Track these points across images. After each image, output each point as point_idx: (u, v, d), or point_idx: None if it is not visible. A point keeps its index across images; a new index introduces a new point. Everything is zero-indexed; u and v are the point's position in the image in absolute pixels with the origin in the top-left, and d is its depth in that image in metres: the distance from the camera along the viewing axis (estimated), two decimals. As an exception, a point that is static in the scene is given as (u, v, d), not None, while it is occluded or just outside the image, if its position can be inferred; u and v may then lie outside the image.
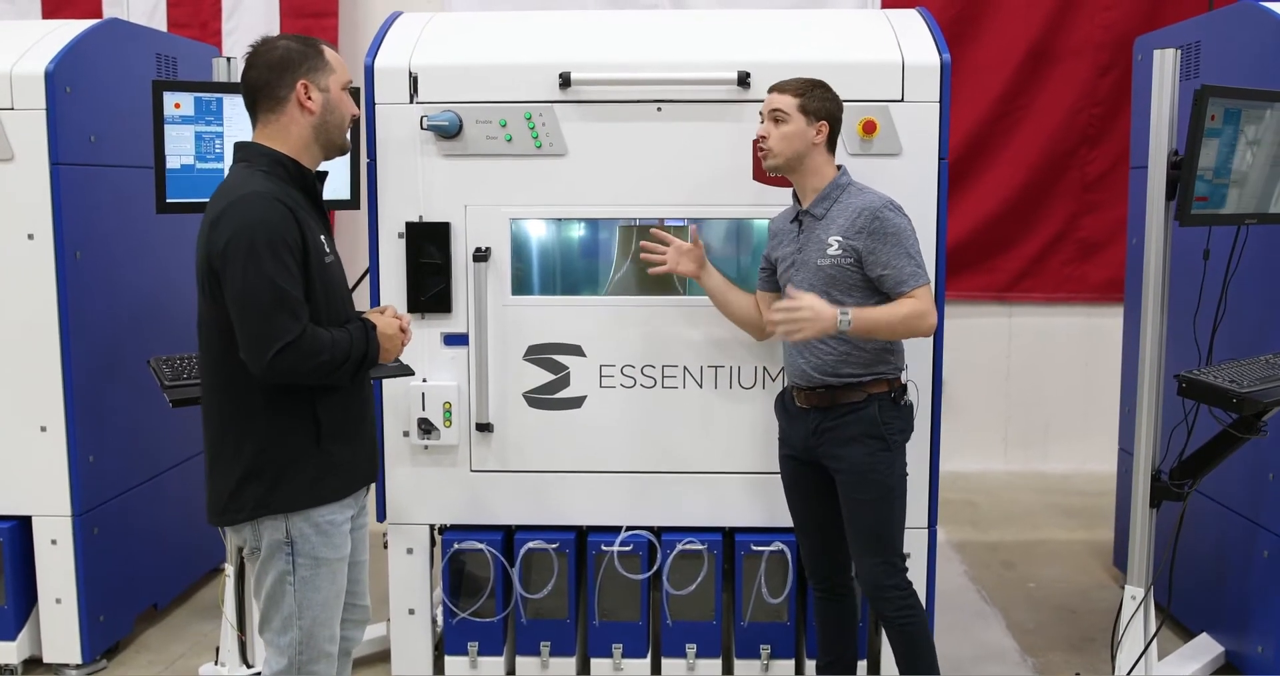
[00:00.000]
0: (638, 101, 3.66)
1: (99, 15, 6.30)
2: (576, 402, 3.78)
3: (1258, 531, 3.80)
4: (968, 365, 6.67)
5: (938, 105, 3.61)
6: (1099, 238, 6.80)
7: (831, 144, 3.25)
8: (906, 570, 3.27)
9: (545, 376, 3.78)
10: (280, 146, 2.63)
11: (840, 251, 3.13)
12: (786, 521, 3.78)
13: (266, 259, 2.46)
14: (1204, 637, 4.13)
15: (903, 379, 3.27)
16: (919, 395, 3.32)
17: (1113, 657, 3.73)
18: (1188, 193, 3.14)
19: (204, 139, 3.37)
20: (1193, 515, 3.61)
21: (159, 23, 6.51)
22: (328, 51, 2.68)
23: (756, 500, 3.78)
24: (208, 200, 2.67)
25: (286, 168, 2.63)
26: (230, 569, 3.80)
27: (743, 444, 3.77)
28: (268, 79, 2.60)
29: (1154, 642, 3.62)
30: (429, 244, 3.71)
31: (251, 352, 2.49)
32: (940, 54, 3.64)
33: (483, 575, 3.83)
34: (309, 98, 2.61)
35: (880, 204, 3.13)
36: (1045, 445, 7.02)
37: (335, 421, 2.66)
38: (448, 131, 3.65)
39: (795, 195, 3.32)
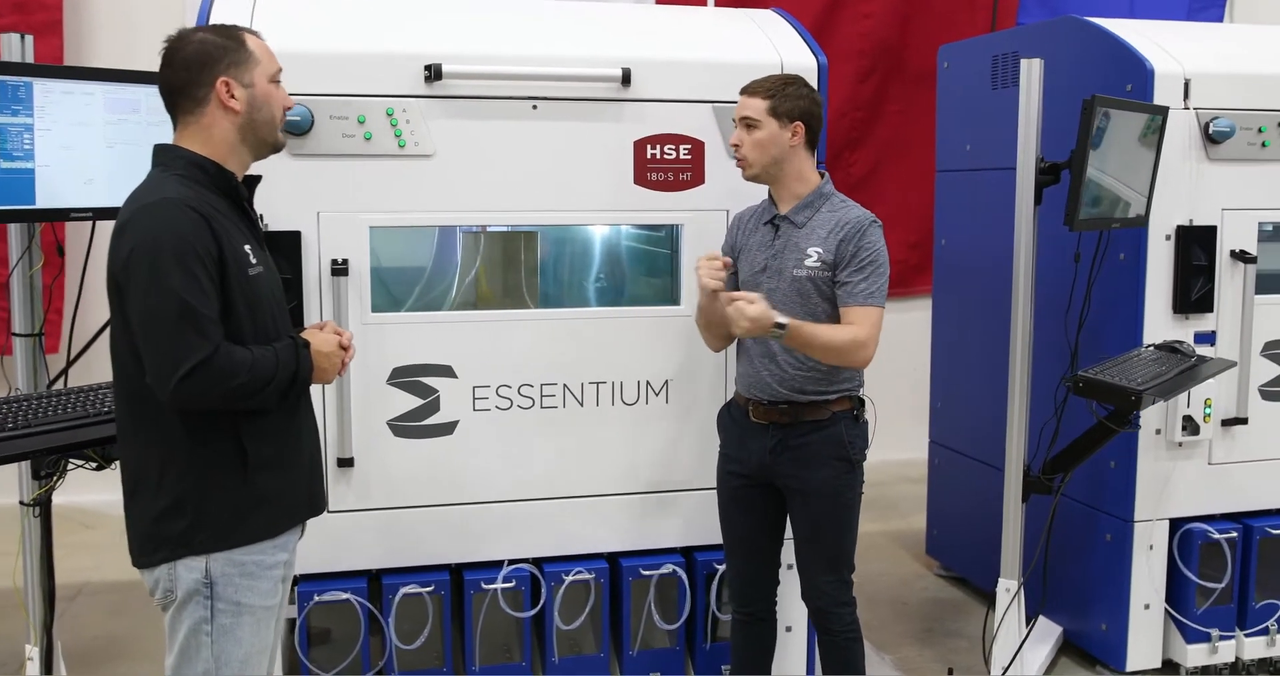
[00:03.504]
0: (512, 98, 3.36)
1: None
2: (448, 429, 3.43)
3: (1098, 516, 4.03)
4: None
5: (815, 108, 3.55)
6: (861, 237, 7.06)
7: (812, 144, 3.09)
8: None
9: (413, 402, 3.40)
10: (202, 150, 2.32)
11: (819, 263, 2.99)
12: (675, 542, 3.63)
13: (173, 272, 2.18)
14: (1041, 620, 4.33)
15: (860, 394, 3.17)
16: (875, 410, 3.23)
17: (984, 650, 3.84)
18: (1076, 198, 3.25)
19: (10, 132, 2.74)
20: (1031, 505, 3.74)
21: None
22: (250, 41, 2.36)
23: (644, 522, 3.59)
24: (11, 209, 2.24)
25: (206, 170, 2.31)
26: (34, 651, 3.17)
27: (629, 463, 3.56)
28: (185, 78, 2.31)
29: (1030, 633, 3.75)
30: (276, 256, 3.19)
31: (156, 375, 2.20)
32: (816, 56, 3.59)
33: (346, 628, 3.40)
34: (232, 96, 2.32)
35: (869, 220, 3.02)
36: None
37: (264, 450, 2.36)
38: (297, 128, 3.20)
39: (770, 196, 3.14)
